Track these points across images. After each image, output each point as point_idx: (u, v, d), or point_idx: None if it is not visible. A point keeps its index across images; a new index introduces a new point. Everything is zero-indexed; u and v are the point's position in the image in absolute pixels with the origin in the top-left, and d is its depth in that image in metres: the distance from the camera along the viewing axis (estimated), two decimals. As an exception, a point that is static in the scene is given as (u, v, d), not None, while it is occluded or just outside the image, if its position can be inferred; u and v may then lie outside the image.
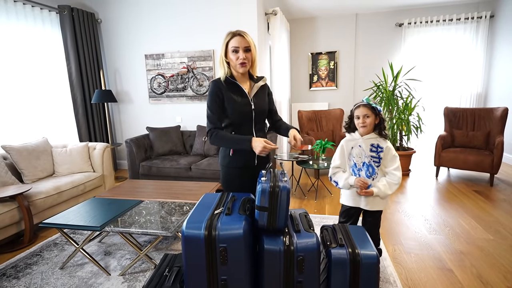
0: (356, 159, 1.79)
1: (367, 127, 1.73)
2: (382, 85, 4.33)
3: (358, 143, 1.78)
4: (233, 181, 1.71)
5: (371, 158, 1.75)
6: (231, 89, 1.64)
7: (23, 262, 2.24)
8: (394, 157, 1.75)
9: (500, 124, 3.74)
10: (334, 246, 1.38)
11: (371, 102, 1.72)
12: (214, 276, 1.21)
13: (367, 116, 1.72)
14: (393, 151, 1.76)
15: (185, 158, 3.80)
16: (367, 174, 1.77)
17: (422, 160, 5.03)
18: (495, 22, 4.98)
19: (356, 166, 1.80)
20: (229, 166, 1.70)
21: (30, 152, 3.06)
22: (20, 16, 3.50)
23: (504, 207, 3.03)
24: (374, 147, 1.75)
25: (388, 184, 1.74)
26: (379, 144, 1.75)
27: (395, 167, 1.74)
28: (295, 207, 3.17)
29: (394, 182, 1.74)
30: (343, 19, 5.73)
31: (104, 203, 2.37)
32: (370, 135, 1.76)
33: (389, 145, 1.77)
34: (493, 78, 5.04)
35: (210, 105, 1.65)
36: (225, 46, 1.61)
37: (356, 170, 1.80)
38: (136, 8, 4.33)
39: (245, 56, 1.57)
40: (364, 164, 1.77)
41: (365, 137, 1.76)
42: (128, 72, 4.59)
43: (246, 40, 1.57)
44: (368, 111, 1.71)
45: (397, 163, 1.75)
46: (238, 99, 1.63)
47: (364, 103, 1.73)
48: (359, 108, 1.74)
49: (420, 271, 2.01)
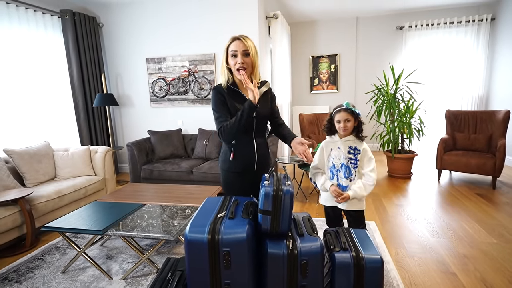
0: (335, 161, 1.85)
1: (348, 131, 1.80)
2: (384, 88, 4.33)
3: (337, 145, 1.85)
4: (234, 185, 1.71)
5: (348, 159, 1.81)
6: (233, 97, 1.62)
7: (25, 266, 2.23)
8: (370, 159, 1.81)
9: (502, 127, 3.74)
10: (337, 250, 1.37)
11: (350, 107, 1.78)
12: (218, 280, 1.21)
13: (347, 121, 1.78)
14: (369, 153, 1.82)
15: (187, 162, 3.80)
16: (345, 174, 1.82)
17: (424, 163, 5.02)
18: (496, 25, 4.99)
19: (335, 167, 1.86)
20: (229, 170, 1.69)
21: (32, 155, 3.06)
22: (22, 21, 3.52)
23: (507, 210, 3.01)
24: (352, 149, 1.81)
25: (364, 185, 1.79)
26: (357, 147, 1.81)
27: (370, 169, 1.79)
28: (296, 211, 3.16)
29: (369, 184, 1.79)
30: (344, 22, 5.75)
31: (106, 206, 2.37)
32: (348, 137, 1.83)
33: (366, 147, 1.83)
34: (495, 81, 5.04)
35: (215, 107, 1.62)
36: (226, 52, 1.60)
37: (334, 171, 1.86)
38: (137, 12, 4.36)
39: (243, 61, 1.54)
40: (342, 165, 1.83)
41: (343, 139, 1.83)
42: (130, 75, 4.61)
43: (244, 44, 1.54)
44: (348, 115, 1.77)
45: (373, 165, 1.80)
46: (240, 107, 1.59)
47: (344, 107, 1.78)
48: (339, 113, 1.79)
49: (424, 275, 2.00)
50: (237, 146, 1.65)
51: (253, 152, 1.67)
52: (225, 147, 1.71)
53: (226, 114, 1.61)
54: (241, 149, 1.66)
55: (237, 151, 1.66)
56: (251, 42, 1.58)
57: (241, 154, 1.66)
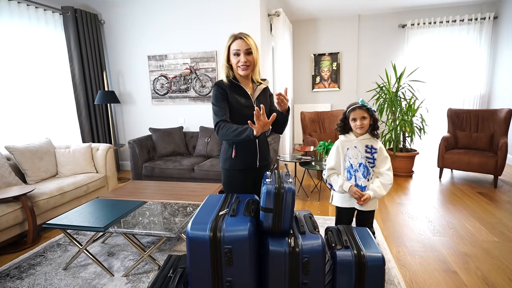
0: (353, 160, 1.80)
1: (364, 128, 1.76)
2: (385, 87, 4.32)
3: (354, 144, 1.80)
4: (235, 184, 1.70)
5: (366, 159, 1.78)
6: (235, 91, 1.63)
7: (27, 262, 2.24)
8: (386, 158, 1.79)
9: (504, 126, 3.72)
10: (339, 248, 1.37)
11: (366, 104, 1.75)
12: (219, 278, 1.21)
13: (364, 118, 1.74)
14: (385, 152, 1.80)
15: (188, 159, 3.80)
16: (363, 174, 1.78)
17: (425, 161, 5.01)
18: (499, 23, 4.96)
19: (353, 167, 1.80)
20: (231, 168, 1.68)
21: (33, 153, 3.07)
22: (23, 17, 3.52)
23: (509, 209, 3.01)
24: (368, 148, 1.78)
25: (382, 185, 1.76)
26: (373, 145, 1.78)
27: (387, 168, 1.77)
28: (298, 209, 3.16)
29: (387, 183, 1.76)
30: (345, 20, 5.73)
31: (107, 204, 2.37)
32: (364, 135, 1.79)
33: (382, 146, 1.80)
34: (497, 80, 5.01)
35: (215, 101, 1.62)
36: (227, 50, 1.61)
37: (352, 171, 1.80)
38: (139, 9, 4.34)
39: (246, 59, 1.56)
40: (360, 165, 1.78)
41: (360, 137, 1.79)
42: (131, 73, 4.60)
43: (247, 43, 1.56)
44: (364, 113, 1.74)
45: (389, 164, 1.78)
46: (242, 101, 1.62)
47: (360, 105, 1.75)
48: (355, 111, 1.75)
49: (425, 273, 2.00)
50: (239, 144, 1.65)
51: (255, 149, 1.68)
52: (226, 144, 1.71)
53: (225, 109, 1.61)
54: (244, 147, 1.66)
55: (239, 148, 1.66)
56: (252, 41, 1.59)
57: (243, 152, 1.66)
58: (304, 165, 3.47)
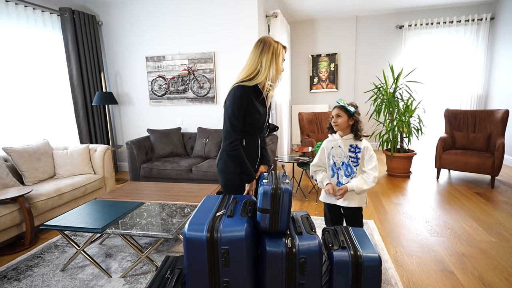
0: (336, 159, 1.86)
1: (339, 126, 1.81)
2: (383, 87, 4.34)
3: (338, 144, 1.86)
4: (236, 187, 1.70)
5: (349, 158, 1.83)
6: (256, 97, 1.59)
7: (24, 264, 2.24)
8: (371, 157, 1.81)
9: (501, 126, 3.74)
10: (336, 248, 1.38)
11: (343, 104, 1.80)
12: (216, 278, 1.21)
13: (338, 116, 1.80)
14: (370, 151, 1.82)
15: (186, 160, 3.80)
16: (345, 173, 1.84)
17: (423, 162, 5.03)
18: (496, 24, 4.99)
19: (336, 165, 1.87)
20: (231, 172, 1.66)
21: (31, 154, 3.06)
22: (21, 19, 3.51)
23: (506, 209, 3.02)
24: (352, 147, 1.83)
25: (363, 180, 1.79)
26: (358, 145, 1.82)
27: (371, 167, 1.79)
28: (296, 209, 3.16)
29: (369, 180, 1.79)
30: (343, 21, 5.75)
31: (105, 205, 2.37)
32: (349, 135, 1.84)
33: (367, 145, 1.83)
34: (494, 80, 5.04)
35: (238, 111, 1.53)
36: (276, 54, 1.57)
37: (335, 169, 1.88)
38: (136, 11, 4.35)
39: (282, 68, 1.64)
40: (343, 164, 1.84)
41: (344, 137, 1.84)
42: (129, 74, 4.60)
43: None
44: (340, 111, 1.80)
45: (374, 163, 1.80)
46: (261, 109, 1.63)
47: (337, 104, 1.82)
48: (334, 109, 1.84)
49: (422, 273, 2.01)
50: (247, 149, 1.65)
51: (257, 153, 1.73)
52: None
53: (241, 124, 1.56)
54: (250, 151, 1.67)
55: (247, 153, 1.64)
56: None
57: (249, 156, 1.66)
58: (302, 165, 3.47)
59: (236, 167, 1.61)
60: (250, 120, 1.58)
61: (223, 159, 1.68)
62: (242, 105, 1.53)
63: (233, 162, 1.61)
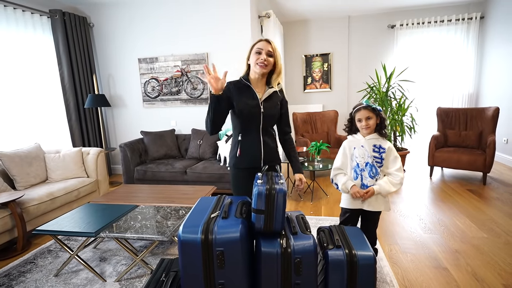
0: (359, 160, 1.79)
1: (370, 128, 1.76)
2: (376, 87, 4.37)
3: (361, 144, 1.79)
4: (240, 182, 1.73)
5: (374, 158, 1.76)
6: (242, 91, 1.67)
7: (17, 270, 2.20)
8: (396, 158, 1.76)
9: (491, 124, 3.80)
10: (331, 248, 1.38)
11: (371, 104, 1.75)
12: (212, 280, 1.21)
13: (369, 118, 1.74)
14: (394, 152, 1.77)
15: (180, 162, 3.78)
16: (370, 174, 1.77)
17: (416, 160, 5.08)
18: (485, 23, 5.06)
19: (359, 167, 1.79)
20: (236, 166, 1.73)
21: (22, 158, 3.02)
22: (10, 21, 3.46)
23: (497, 205, 3.07)
24: (376, 147, 1.76)
25: (390, 182, 1.74)
26: (381, 145, 1.76)
27: (396, 168, 1.74)
28: (291, 209, 3.17)
29: (396, 182, 1.74)
30: (336, 21, 5.78)
31: (99, 208, 2.35)
32: (372, 135, 1.78)
33: (391, 146, 1.78)
34: (484, 78, 5.11)
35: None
36: (250, 49, 1.67)
37: (358, 170, 1.80)
38: (128, 12, 4.31)
39: (265, 59, 1.61)
40: (367, 165, 1.77)
41: (367, 137, 1.78)
42: (122, 76, 4.56)
43: (271, 46, 1.63)
44: (369, 113, 1.74)
45: (399, 164, 1.75)
46: (249, 101, 1.65)
47: (365, 105, 1.75)
48: (360, 111, 1.76)
49: (416, 271, 2.02)
50: (243, 143, 1.70)
51: (259, 149, 1.70)
52: (232, 143, 1.76)
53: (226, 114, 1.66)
54: (248, 146, 1.70)
55: (243, 147, 1.69)
56: (275, 46, 1.67)
57: (247, 151, 1.69)
58: (296, 165, 3.47)
59: (211, 112, 1.56)
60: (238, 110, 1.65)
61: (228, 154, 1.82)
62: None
63: (211, 117, 1.57)
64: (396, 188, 1.73)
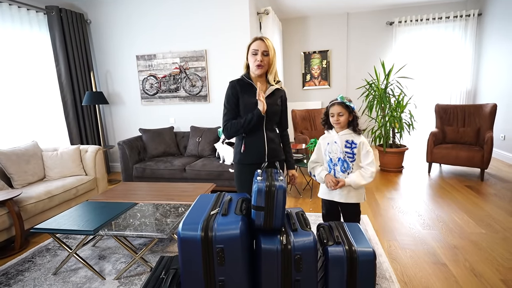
0: (332, 155, 1.86)
1: (340, 124, 1.81)
2: (374, 83, 4.37)
3: (334, 140, 1.85)
4: (244, 178, 1.75)
5: (345, 153, 1.82)
6: (246, 90, 1.72)
7: (15, 268, 2.19)
8: (368, 152, 1.80)
9: (489, 120, 3.81)
10: (331, 244, 1.38)
11: (345, 101, 1.78)
12: (212, 277, 1.20)
13: (340, 114, 1.79)
14: (367, 146, 1.81)
15: (179, 159, 3.77)
16: (342, 169, 1.83)
17: (414, 156, 5.09)
18: (483, 20, 5.06)
19: (332, 161, 1.87)
20: (240, 162, 1.76)
21: (19, 156, 3.00)
22: (6, 18, 3.43)
23: (495, 201, 3.08)
24: (348, 143, 1.81)
25: (361, 175, 1.79)
26: (353, 140, 1.81)
27: (368, 162, 1.79)
28: (290, 206, 3.17)
29: (366, 175, 1.78)
30: (334, 18, 5.76)
31: (97, 206, 2.34)
32: (345, 131, 1.83)
33: (363, 141, 1.82)
34: (482, 75, 5.12)
35: (226, 102, 1.75)
36: (247, 49, 1.71)
37: (331, 165, 1.87)
38: (126, 9, 4.28)
39: (262, 59, 1.65)
40: (339, 160, 1.83)
41: (340, 133, 1.83)
42: (120, 73, 4.53)
43: (265, 45, 1.66)
44: (342, 109, 1.78)
45: (371, 158, 1.79)
46: (252, 99, 1.70)
47: (339, 101, 1.79)
48: (334, 106, 1.81)
49: (415, 266, 2.03)
50: (248, 139, 1.73)
51: (263, 145, 1.74)
52: (237, 140, 1.80)
53: (234, 110, 1.74)
54: (252, 142, 1.73)
55: (248, 143, 1.73)
56: (271, 43, 1.69)
57: (251, 147, 1.73)
58: (296, 162, 3.48)
59: (245, 127, 1.67)
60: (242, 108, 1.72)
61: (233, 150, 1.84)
62: (228, 96, 1.75)
63: (239, 131, 1.70)
64: (366, 181, 1.78)
